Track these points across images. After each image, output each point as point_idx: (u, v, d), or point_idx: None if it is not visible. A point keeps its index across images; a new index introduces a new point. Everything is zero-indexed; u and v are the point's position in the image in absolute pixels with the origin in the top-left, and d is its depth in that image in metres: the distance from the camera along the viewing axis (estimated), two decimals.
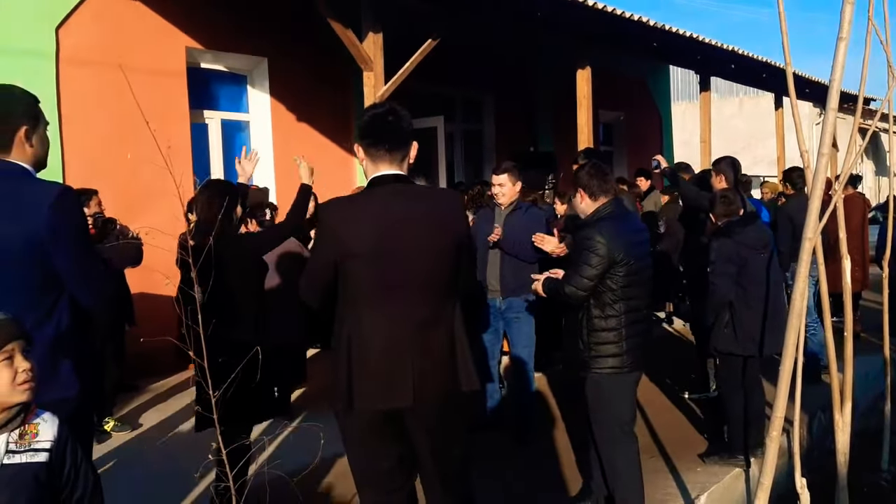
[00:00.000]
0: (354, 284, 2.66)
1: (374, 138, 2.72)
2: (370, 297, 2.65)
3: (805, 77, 11.88)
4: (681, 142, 17.34)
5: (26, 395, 1.95)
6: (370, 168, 2.76)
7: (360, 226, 2.65)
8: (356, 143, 2.80)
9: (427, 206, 2.77)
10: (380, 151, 2.72)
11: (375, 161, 2.74)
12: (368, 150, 2.74)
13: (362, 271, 2.64)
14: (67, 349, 2.54)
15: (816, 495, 3.78)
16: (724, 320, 4.78)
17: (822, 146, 3.00)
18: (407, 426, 2.72)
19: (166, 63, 7.57)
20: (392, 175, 2.74)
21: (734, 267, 4.74)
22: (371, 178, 2.76)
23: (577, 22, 7.32)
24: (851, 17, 3.06)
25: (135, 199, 6.77)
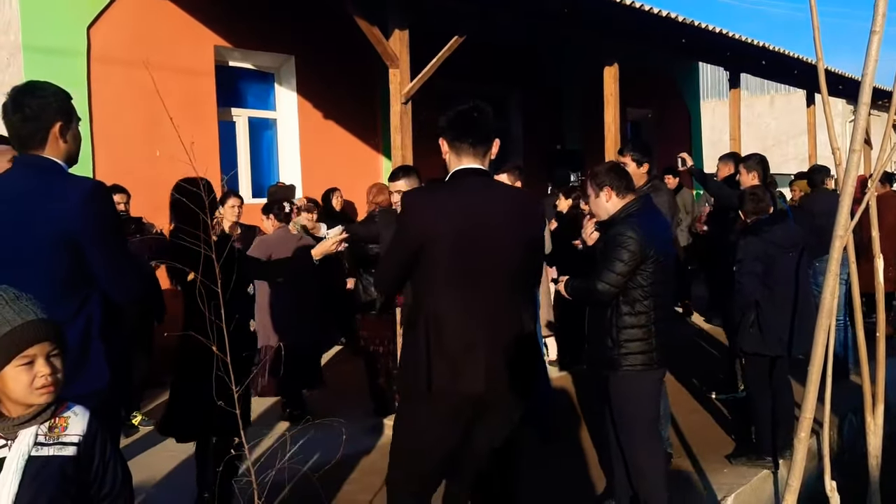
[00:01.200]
0: (435, 270, 2.73)
1: (458, 132, 2.83)
2: (450, 283, 2.72)
3: (838, 73, 11.68)
4: (710, 140, 17.14)
5: (43, 399, 1.96)
6: (453, 161, 2.85)
7: (445, 214, 2.73)
8: (441, 138, 2.87)
9: (509, 203, 2.87)
10: (464, 145, 2.82)
11: (459, 154, 2.84)
12: (453, 144, 2.84)
13: (444, 258, 2.71)
14: (98, 342, 2.57)
15: (847, 499, 3.71)
16: (749, 320, 4.72)
17: (853, 142, 2.95)
18: (472, 416, 2.76)
19: (195, 61, 7.64)
20: (474, 169, 2.83)
21: (761, 266, 4.69)
22: (454, 171, 2.84)
23: (603, 18, 7.25)
24: (885, 11, 3.00)
25: (164, 196, 6.80)
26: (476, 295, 2.73)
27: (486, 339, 2.73)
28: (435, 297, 2.73)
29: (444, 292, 2.72)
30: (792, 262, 4.69)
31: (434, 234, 2.70)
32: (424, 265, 2.74)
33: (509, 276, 2.79)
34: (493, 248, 2.73)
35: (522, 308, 2.89)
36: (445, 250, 2.70)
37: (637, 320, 3.70)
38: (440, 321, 2.71)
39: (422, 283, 2.78)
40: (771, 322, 4.65)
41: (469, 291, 2.72)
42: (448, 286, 2.72)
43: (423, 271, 2.75)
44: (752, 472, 4.62)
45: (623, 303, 3.70)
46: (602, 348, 3.78)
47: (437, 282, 2.73)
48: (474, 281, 2.72)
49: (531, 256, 2.91)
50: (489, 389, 2.71)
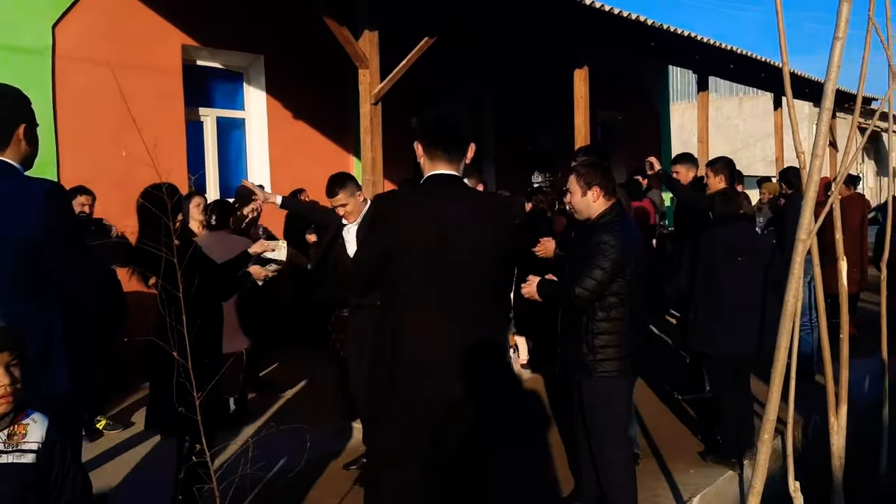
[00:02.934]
0: (405, 275, 2.70)
1: (433, 138, 2.81)
2: (420, 288, 2.70)
3: (805, 77, 11.84)
4: (680, 142, 17.30)
5: (1, 409, 1.93)
6: (427, 166, 2.83)
7: (417, 219, 2.72)
8: (416, 142, 2.85)
9: (481, 209, 2.86)
10: (438, 151, 2.80)
11: (433, 160, 2.81)
12: (427, 150, 2.81)
13: (416, 264, 2.69)
14: (60, 347, 2.53)
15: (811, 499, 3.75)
16: (695, 319, 4.86)
17: (815, 147, 2.98)
18: (438, 422, 2.75)
19: (162, 60, 7.54)
20: (447, 175, 2.81)
21: (705, 266, 4.81)
22: (427, 176, 2.82)
23: (574, 21, 7.29)
24: (848, 17, 3.04)
25: (132, 197, 6.71)
26: (445, 301, 2.71)
27: (454, 346, 2.71)
28: (403, 303, 2.71)
29: (412, 298, 2.71)
30: (741, 265, 4.75)
31: (405, 239, 2.68)
32: (394, 270, 2.71)
33: (480, 282, 2.77)
34: (464, 254, 2.72)
35: (492, 314, 2.88)
36: (416, 256, 2.68)
37: (612, 326, 3.71)
38: (408, 327, 2.69)
39: (390, 288, 2.76)
40: (710, 321, 4.77)
41: (439, 297, 2.71)
42: (417, 292, 2.70)
43: (393, 276, 2.73)
44: (717, 472, 4.66)
45: (599, 308, 3.71)
46: (576, 353, 3.77)
47: (406, 287, 2.71)
48: (444, 287, 2.70)
49: (503, 263, 2.90)
50: (455, 396, 2.70)
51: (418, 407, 2.69)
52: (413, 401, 2.68)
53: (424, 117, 2.87)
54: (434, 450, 2.80)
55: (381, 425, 2.80)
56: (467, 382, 2.71)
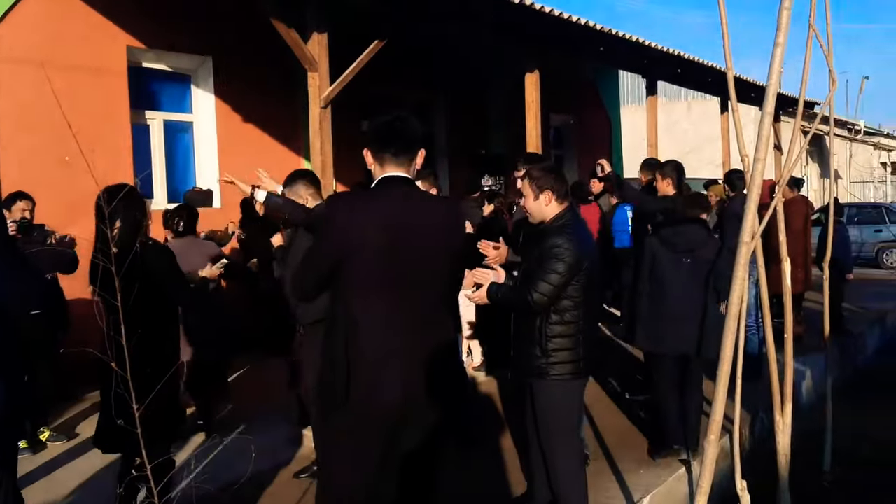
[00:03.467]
0: (356, 278, 2.67)
1: (381, 142, 2.79)
2: (371, 291, 2.67)
3: (750, 81, 12.09)
4: (631, 144, 17.51)
5: None
6: (377, 171, 2.82)
7: (369, 221, 2.67)
8: (365, 148, 2.83)
9: (432, 211, 2.85)
10: (387, 155, 2.78)
11: (383, 164, 2.80)
12: (377, 154, 2.80)
13: (367, 266, 2.65)
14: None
15: (759, 497, 3.82)
16: (638, 317, 4.97)
17: (757, 151, 3.03)
18: (391, 426, 2.72)
19: (107, 62, 7.38)
20: (398, 177, 2.79)
21: (649, 266, 4.93)
22: (379, 179, 2.80)
23: (524, 26, 7.32)
24: (787, 24, 3.09)
25: (74, 203, 6.56)
26: (397, 303, 2.69)
27: (407, 349, 2.69)
28: (355, 306, 2.68)
29: (364, 300, 2.67)
30: (684, 265, 4.84)
31: (356, 240, 2.65)
32: (345, 272, 2.68)
33: (432, 284, 2.77)
34: (416, 256, 2.70)
35: (444, 317, 2.87)
36: (368, 257, 2.65)
37: (566, 329, 3.72)
38: (359, 330, 2.66)
39: (341, 290, 2.72)
40: (651, 319, 4.89)
41: (391, 300, 2.68)
42: (369, 294, 2.68)
43: (344, 278, 2.69)
44: (667, 472, 4.71)
45: (553, 312, 3.71)
46: (530, 356, 3.77)
47: (357, 290, 2.68)
48: (396, 289, 2.69)
49: (453, 265, 2.89)
50: (408, 399, 2.68)
51: (371, 409, 2.66)
52: (366, 403, 2.65)
53: (373, 123, 2.85)
54: (387, 453, 2.77)
55: (332, 430, 2.76)
56: (421, 384, 2.70)
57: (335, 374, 2.66)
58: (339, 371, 2.65)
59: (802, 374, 7.07)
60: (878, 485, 5.73)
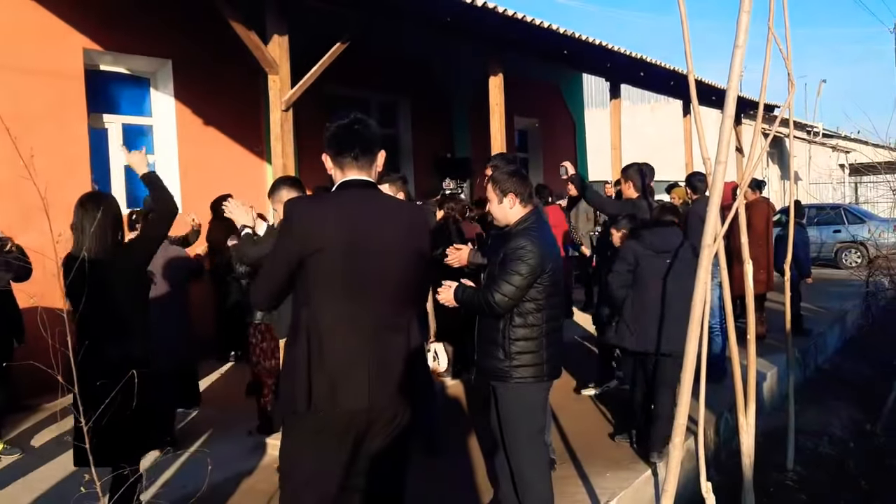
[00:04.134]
0: (319, 282, 2.63)
1: (339, 147, 2.76)
2: (334, 295, 2.64)
3: (711, 85, 12.21)
4: (595, 148, 17.60)
5: None
6: (338, 175, 2.78)
7: (331, 223, 2.64)
8: (324, 154, 2.79)
9: (396, 214, 2.82)
10: (347, 159, 2.76)
11: (343, 168, 2.77)
12: (336, 160, 2.77)
13: (329, 269, 2.62)
14: None
15: (724, 496, 3.83)
16: (614, 317, 5.13)
17: (718, 154, 3.03)
18: (357, 432, 2.69)
19: (62, 64, 7.21)
20: (359, 180, 2.77)
21: (627, 266, 5.02)
22: (340, 182, 2.77)
23: (486, 28, 7.30)
24: (747, 27, 3.11)
25: (24, 211, 6.40)
26: (361, 307, 2.65)
27: (371, 353, 2.66)
28: (317, 310, 2.63)
29: (327, 305, 2.63)
30: (663, 265, 4.89)
31: (318, 243, 2.60)
32: (307, 276, 2.63)
33: (395, 287, 2.74)
34: (378, 259, 2.67)
35: (409, 320, 2.82)
36: (330, 261, 2.61)
37: (529, 332, 3.70)
38: (322, 335, 2.62)
39: (303, 295, 2.67)
40: (636, 319, 4.98)
41: (353, 304, 2.65)
42: (332, 298, 2.63)
43: (305, 283, 2.65)
44: (633, 475, 4.71)
45: (516, 314, 3.69)
46: (493, 360, 3.74)
47: (320, 294, 2.64)
48: (359, 293, 2.65)
49: (418, 268, 2.85)
50: (372, 404, 2.64)
51: (335, 415, 2.62)
52: (329, 409, 2.61)
53: (330, 126, 2.81)
54: (351, 460, 2.73)
55: (295, 436, 2.71)
56: (385, 388, 2.67)
57: (296, 382, 2.61)
58: (300, 376, 2.60)
59: (764, 375, 7.14)
60: (838, 481, 5.81)
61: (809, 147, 26.70)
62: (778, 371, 7.43)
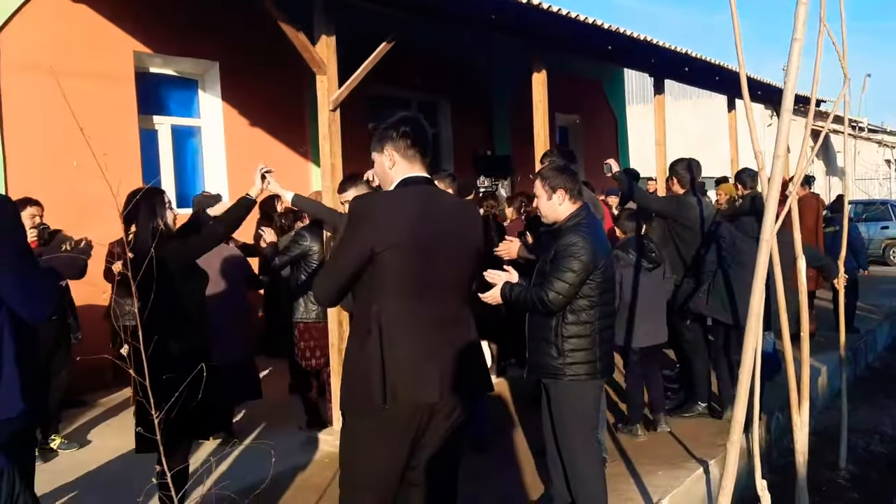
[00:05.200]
0: (391, 277, 2.66)
1: (413, 139, 2.80)
2: (405, 290, 2.67)
3: (756, 79, 12.04)
4: (636, 144, 17.47)
5: None
6: (402, 169, 2.80)
7: (403, 218, 2.68)
8: (388, 146, 2.80)
9: (457, 211, 2.88)
10: (417, 154, 2.80)
11: (411, 162, 2.81)
12: (406, 152, 2.80)
13: (402, 264, 2.65)
14: (10, 367, 2.42)
15: (776, 495, 3.78)
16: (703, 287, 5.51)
17: (777, 148, 3.00)
18: (419, 425, 2.71)
19: (114, 68, 7.38)
20: (423, 177, 2.82)
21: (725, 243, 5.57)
22: (404, 178, 2.80)
23: (531, 25, 7.29)
24: (805, 19, 3.06)
25: (82, 208, 6.56)
26: (429, 302, 2.70)
27: (440, 347, 2.70)
28: (387, 306, 2.66)
29: (398, 300, 2.66)
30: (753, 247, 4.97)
31: (387, 239, 2.63)
32: (379, 272, 2.66)
33: (459, 283, 2.79)
34: (444, 255, 2.72)
35: (469, 315, 2.87)
36: (399, 257, 2.64)
37: (582, 329, 3.69)
38: (394, 330, 2.64)
39: (372, 291, 2.69)
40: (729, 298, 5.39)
41: (424, 299, 2.69)
42: (401, 294, 2.66)
43: (377, 278, 2.67)
44: (684, 473, 4.67)
45: (569, 311, 3.68)
46: (545, 357, 3.74)
47: (389, 289, 2.66)
48: (427, 288, 2.69)
49: (476, 264, 2.91)
50: (443, 397, 2.68)
51: (405, 410, 2.65)
52: (404, 404, 2.63)
53: (400, 120, 2.83)
54: (413, 453, 2.75)
55: (365, 429, 2.71)
56: (454, 382, 2.70)
57: (370, 377, 2.63)
58: (374, 371, 2.62)
59: (818, 372, 7.03)
60: (890, 480, 5.70)
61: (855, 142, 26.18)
62: (828, 369, 7.31)
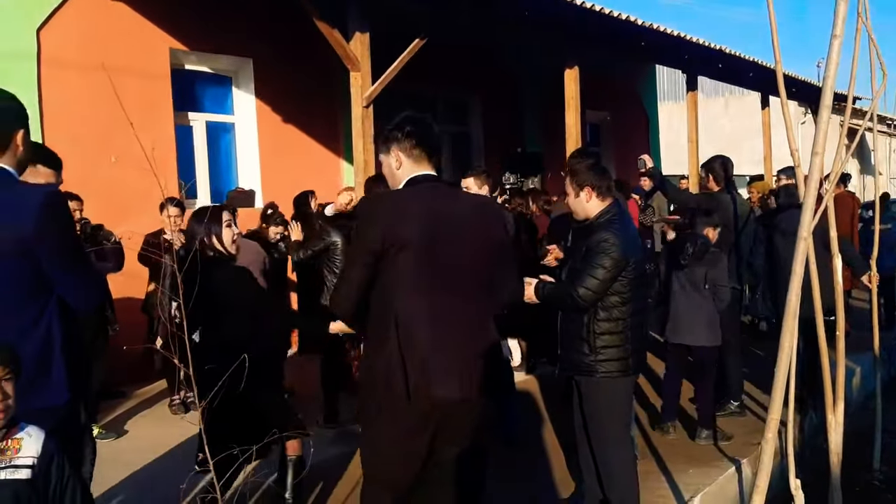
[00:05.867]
0: (405, 278, 2.66)
1: (418, 139, 2.79)
2: (421, 290, 2.67)
3: (791, 76, 11.91)
4: (667, 142, 17.33)
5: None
6: (408, 169, 2.80)
7: (412, 217, 2.68)
8: (393, 146, 2.80)
9: (472, 208, 2.87)
10: (423, 153, 2.80)
11: (417, 161, 2.80)
12: (412, 151, 2.79)
13: (415, 264, 2.65)
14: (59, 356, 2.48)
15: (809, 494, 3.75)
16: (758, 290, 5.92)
17: (815, 145, 2.98)
18: (439, 422, 2.71)
19: (150, 64, 7.48)
20: (432, 175, 2.81)
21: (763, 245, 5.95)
22: (410, 178, 2.79)
23: (564, 21, 7.28)
24: (845, 15, 3.04)
25: (120, 202, 6.68)
26: (445, 300, 2.69)
27: (457, 344, 2.69)
28: (403, 304, 2.66)
29: (412, 298, 2.66)
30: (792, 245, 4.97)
31: (400, 237, 2.63)
32: (392, 273, 2.66)
33: (476, 280, 2.76)
34: (459, 252, 2.71)
35: (489, 313, 2.86)
36: (414, 254, 2.64)
37: (614, 326, 3.68)
38: (411, 329, 2.64)
39: (388, 290, 2.70)
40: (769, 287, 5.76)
41: (438, 296, 2.68)
42: (417, 291, 2.66)
43: (391, 279, 2.67)
44: (717, 471, 4.66)
45: (600, 308, 3.67)
46: (577, 354, 3.73)
47: (405, 288, 2.67)
48: (443, 285, 2.68)
49: (498, 261, 2.86)
50: (461, 394, 2.68)
51: (428, 404, 2.65)
52: (422, 399, 2.64)
53: (404, 120, 2.84)
54: (433, 450, 2.77)
55: (383, 427, 2.73)
56: (473, 379, 2.70)
57: (391, 375, 2.64)
58: (394, 370, 2.63)
59: (852, 372, 6.95)
60: None
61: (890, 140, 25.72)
62: (862, 369, 7.22)
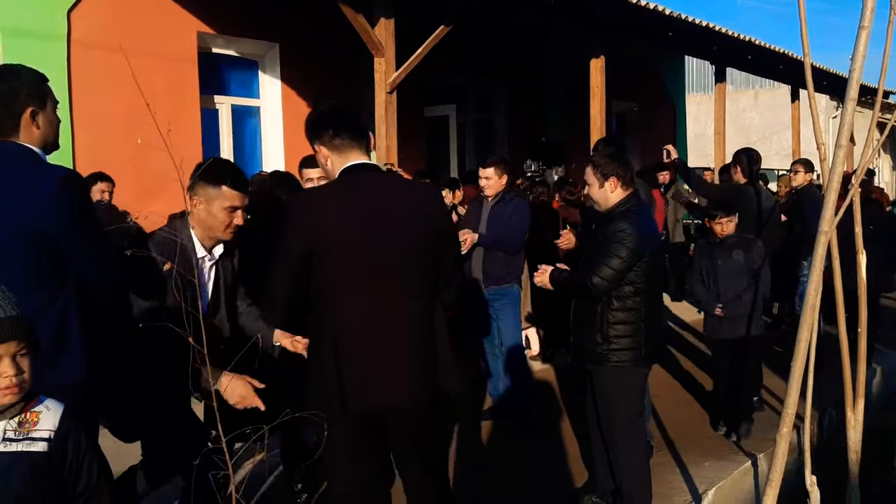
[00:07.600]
0: (333, 278, 2.54)
1: (334, 128, 2.66)
2: (352, 290, 2.54)
3: (822, 69, 11.73)
4: (695, 134, 17.18)
5: (7, 400, 1.91)
6: (337, 161, 2.67)
7: (338, 215, 2.54)
8: (316, 143, 2.70)
9: (408, 196, 2.71)
10: (344, 141, 2.66)
11: (343, 152, 2.66)
12: (332, 142, 2.66)
13: (342, 263, 2.53)
14: (76, 331, 2.51)
15: (826, 493, 3.72)
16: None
17: (839, 138, 2.94)
18: (390, 427, 2.64)
19: (177, 47, 7.53)
20: (364, 164, 2.66)
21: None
22: (343, 169, 2.65)
23: (591, 10, 7.23)
24: (874, 6, 2.99)
25: (146, 184, 6.74)
26: (380, 299, 2.55)
27: (397, 346, 2.57)
28: (337, 311, 2.55)
29: (345, 301, 2.54)
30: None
31: (326, 237, 2.51)
32: (320, 274, 2.53)
33: (415, 272, 2.62)
34: (394, 245, 2.57)
35: (434, 307, 2.68)
36: (342, 254, 2.52)
37: (628, 316, 3.68)
38: (346, 335, 2.53)
39: (319, 294, 2.57)
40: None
41: (372, 296, 2.55)
42: (349, 293, 2.54)
43: (319, 281, 2.55)
44: (732, 465, 4.64)
45: (614, 298, 3.68)
46: (590, 343, 3.74)
47: (336, 290, 2.55)
48: (377, 283, 2.55)
49: (438, 249, 2.69)
50: (404, 398, 2.57)
51: (370, 413, 2.56)
52: (364, 408, 2.54)
53: (318, 114, 2.75)
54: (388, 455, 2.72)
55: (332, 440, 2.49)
56: (419, 380, 2.59)
57: (327, 385, 2.54)
58: (330, 381, 2.53)
59: (874, 371, 6.86)
60: None
61: None
62: (884, 369, 7.13)
